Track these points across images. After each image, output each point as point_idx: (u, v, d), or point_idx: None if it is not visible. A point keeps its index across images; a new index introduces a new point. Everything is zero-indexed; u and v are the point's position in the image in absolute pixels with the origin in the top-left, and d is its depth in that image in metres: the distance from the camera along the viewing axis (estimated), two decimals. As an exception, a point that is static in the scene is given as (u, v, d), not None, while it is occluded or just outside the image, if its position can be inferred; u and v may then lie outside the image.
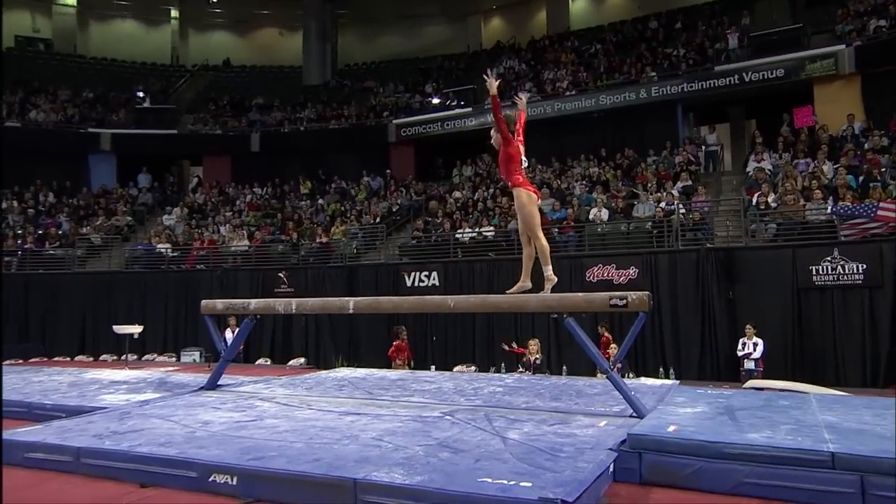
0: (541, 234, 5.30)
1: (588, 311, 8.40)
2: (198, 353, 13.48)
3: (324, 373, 8.62)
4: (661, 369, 8.42)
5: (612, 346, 9.34)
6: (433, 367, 9.89)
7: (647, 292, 5.07)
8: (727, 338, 10.52)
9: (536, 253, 5.47)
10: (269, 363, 11.56)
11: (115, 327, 12.37)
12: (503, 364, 9.45)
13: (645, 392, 6.09)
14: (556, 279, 5.35)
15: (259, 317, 6.94)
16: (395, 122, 19.75)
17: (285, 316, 14.17)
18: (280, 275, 14.35)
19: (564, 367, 8.99)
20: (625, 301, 5.10)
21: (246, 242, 16.25)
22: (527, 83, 19.30)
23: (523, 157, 5.34)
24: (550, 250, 5.62)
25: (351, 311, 6.25)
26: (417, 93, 21.43)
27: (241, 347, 12.75)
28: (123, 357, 11.95)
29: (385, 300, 6.06)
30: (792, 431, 3.98)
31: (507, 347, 9.65)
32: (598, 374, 9.03)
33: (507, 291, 5.63)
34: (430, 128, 19.09)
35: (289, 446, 4.32)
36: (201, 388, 6.84)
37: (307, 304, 6.43)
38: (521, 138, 5.42)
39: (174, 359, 12.64)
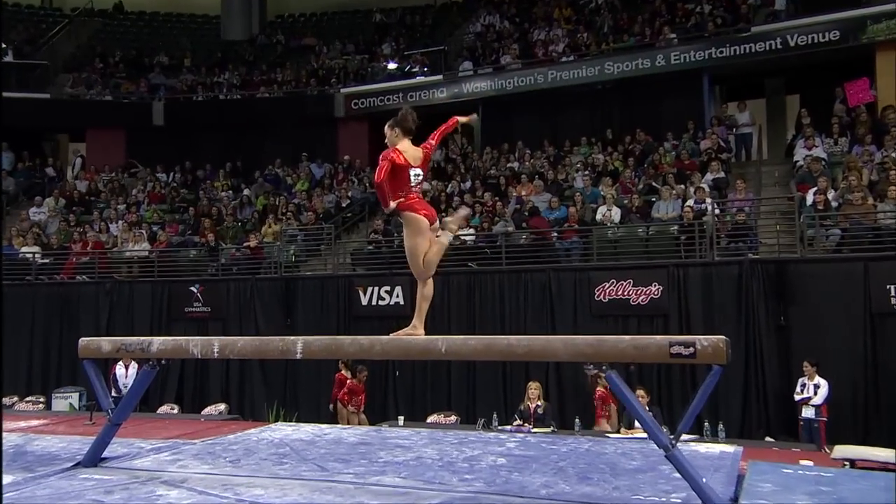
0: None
1: (638, 363, 7.81)
2: (76, 396, 12.43)
3: (255, 431, 7.75)
4: (705, 424, 7.88)
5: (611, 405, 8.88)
6: (401, 417, 9.14)
7: (723, 337, 4.41)
8: (778, 377, 10.15)
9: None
10: (176, 412, 10.63)
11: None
12: (494, 414, 8.78)
13: (702, 465, 5.47)
14: (422, 335, 5.06)
15: (165, 362, 6.07)
16: (343, 91, 19.18)
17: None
18: (193, 289, 13.64)
19: (577, 420, 8.35)
20: (692, 349, 4.43)
21: (146, 245, 15.44)
22: (511, 45, 18.77)
23: (412, 172, 5.03)
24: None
25: (299, 356, 5.44)
26: (371, 55, 20.72)
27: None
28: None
29: (348, 343, 5.26)
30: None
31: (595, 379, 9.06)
32: (623, 430, 8.45)
33: (393, 334, 5.20)
34: (388, 100, 18.46)
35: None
36: (77, 465, 5.91)
37: (235, 346, 5.57)
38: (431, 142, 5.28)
39: (43, 405, 11.55)
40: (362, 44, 21.55)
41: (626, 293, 11.07)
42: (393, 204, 4.96)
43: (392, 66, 20.02)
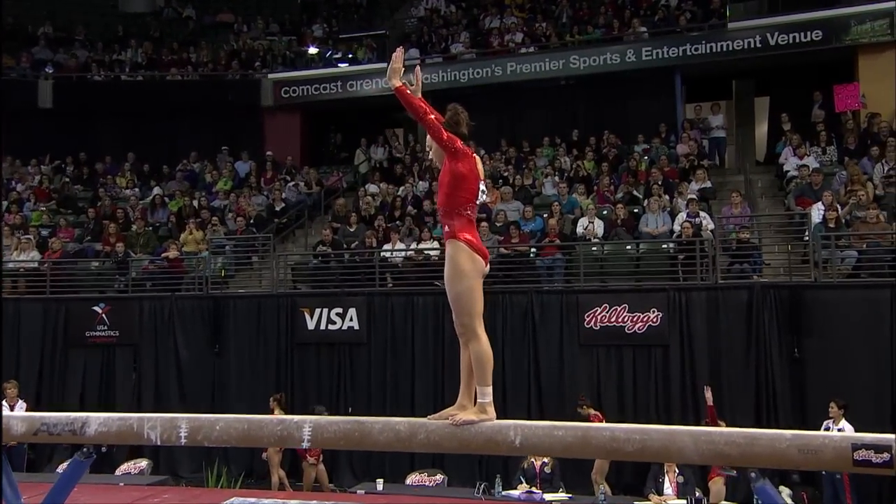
0: (481, 330, 3.84)
1: (805, 470, 6.78)
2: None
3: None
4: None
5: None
6: (380, 480, 7.80)
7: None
8: (791, 416, 9.48)
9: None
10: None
11: None
12: (498, 475, 7.61)
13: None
14: (493, 416, 3.80)
15: (106, 449, 4.63)
16: (271, 77, 17.59)
17: (104, 382, 11.70)
18: (96, 309, 12.03)
19: (603, 489, 7.28)
20: (887, 456, 3.40)
21: (35, 254, 13.43)
22: (461, 33, 17.62)
23: (482, 186, 3.97)
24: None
25: (305, 445, 4.12)
26: (300, 37, 19.24)
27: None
28: None
29: (377, 429, 3.91)
30: None
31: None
32: (652, 496, 7.47)
33: (430, 417, 3.94)
34: (325, 88, 17.03)
35: None
36: None
37: (213, 430, 4.11)
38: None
39: None
40: (288, 24, 19.92)
41: (621, 320, 10.17)
42: (451, 222, 3.84)
43: (313, 50, 18.52)
